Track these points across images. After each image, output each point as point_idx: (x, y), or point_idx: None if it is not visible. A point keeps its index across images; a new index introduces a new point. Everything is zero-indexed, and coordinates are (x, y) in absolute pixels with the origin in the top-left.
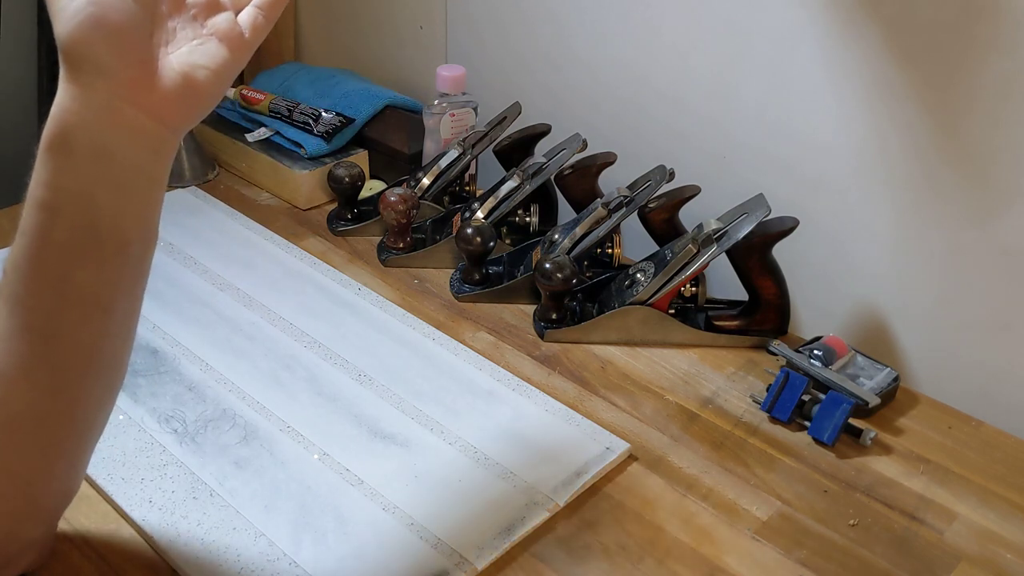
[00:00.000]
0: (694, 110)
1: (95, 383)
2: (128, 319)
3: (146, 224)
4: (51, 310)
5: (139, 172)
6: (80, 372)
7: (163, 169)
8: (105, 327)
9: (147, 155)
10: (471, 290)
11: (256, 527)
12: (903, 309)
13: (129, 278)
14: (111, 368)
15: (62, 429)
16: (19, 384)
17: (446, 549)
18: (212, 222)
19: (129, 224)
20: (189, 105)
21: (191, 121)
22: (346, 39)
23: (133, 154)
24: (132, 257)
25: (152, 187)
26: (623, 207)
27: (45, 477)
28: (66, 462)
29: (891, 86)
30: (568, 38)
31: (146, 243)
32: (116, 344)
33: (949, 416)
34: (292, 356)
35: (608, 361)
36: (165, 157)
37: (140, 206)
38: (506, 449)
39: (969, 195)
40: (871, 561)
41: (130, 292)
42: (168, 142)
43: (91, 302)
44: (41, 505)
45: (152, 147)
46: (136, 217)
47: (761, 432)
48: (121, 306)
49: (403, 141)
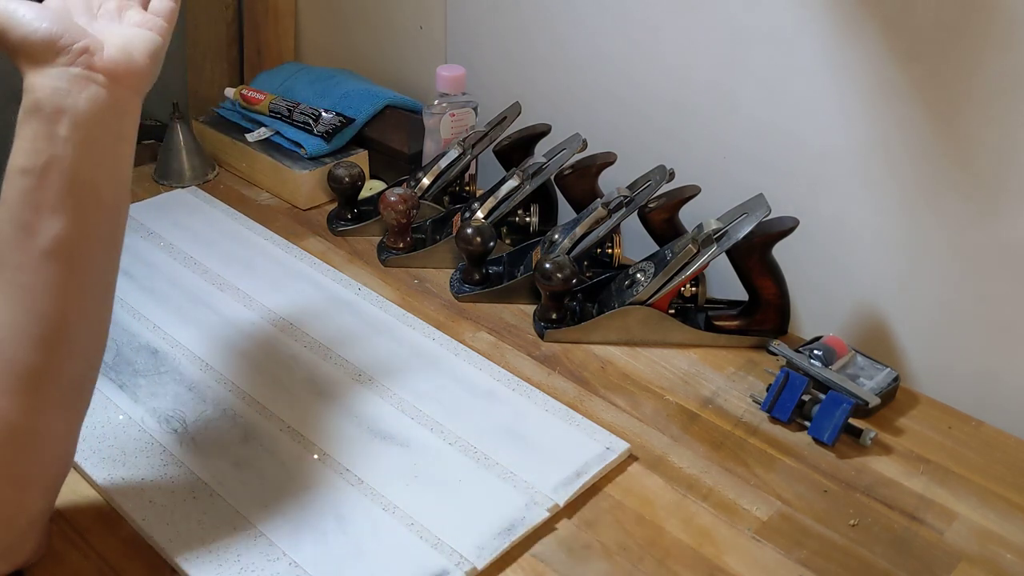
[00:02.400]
0: (694, 110)
1: (83, 339)
2: (107, 276)
3: (118, 178)
4: (36, 266)
5: (107, 130)
6: (68, 328)
7: (130, 126)
8: (88, 282)
9: (112, 114)
10: (471, 290)
11: (256, 527)
12: (903, 309)
13: (106, 232)
14: (96, 325)
15: (57, 389)
16: (12, 345)
17: (446, 549)
18: (212, 222)
19: (103, 179)
20: (136, 65)
21: (143, 80)
22: (346, 39)
23: (100, 114)
24: (107, 209)
25: (120, 143)
26: (623, 207)
27: (44, 440)
28: (63, 423)
29: (891, 86)
30: (568, 38)
31: (118, 196)
32: (98, 300)
33: (949, 416)
34: (292, 356)
35: (608, 361)
36: (130, 116)
37: (110, 160)
38: (506, 449)
39: (969, 195)
40: (871, 561)
41: (108, 247)
42: (130, 101)
43: (73, 255)
44: (42, 471)
45: (115, 107)
46: (108, 171)
47: (761, 432)
48: (100, 261)
49: (403, 141)
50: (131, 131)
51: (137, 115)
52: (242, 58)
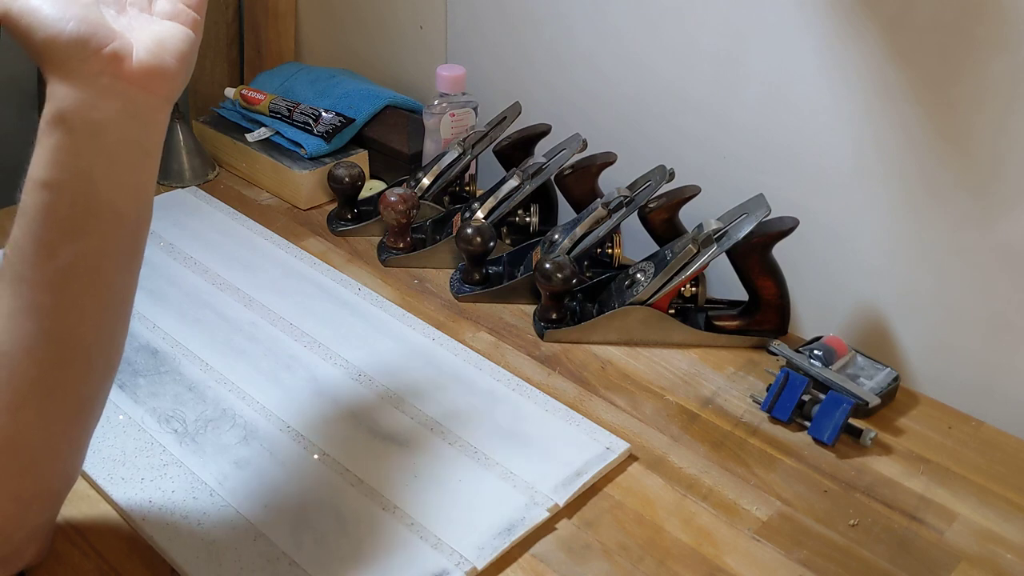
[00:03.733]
0: (694, 110)
1: (97, 358)
2: (125, 293)
3: (140, 195)
4: (54, 285)
5: (132, 144)
6: (83, 347)
7: (155, 140)
8: (105, 300)
9: (139, 126)
10: (471, 290)
11: (256, 527)
12: (903, 309)
13: (126, 251)
14: (111, 343)
15: (65, 407)
16: (23, 362)
17: (446, 549)
18: (212, 222)
19: (126, 196)
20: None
21: (174, 87)
22: (346, 39)
23: (126, 126)
24: (128, 228)
25: (145, 158)
26: (623, 207)
27: (50, 457)
28: (70, 442)
29: (891, 86)
30: (568, 38)
31: (140, 215)
32: (115, 318)
33: (949, 416)
34: (292, 356)
35: (608, 361)
36: (158, 127)
37: (134, 178)
38: (506, 449)
39: (969, 195)
40: (871, 561)
41: (127, 266)
42: (158, 110)
43: (91, 275)
44: (46, 487)
45: (143, 118)
46: (131, 189)
47: (761, 432)
48: (119, 279)
49: (403, 141)
50: (158, 143)
51: (165, 125)
52: (242, 58)
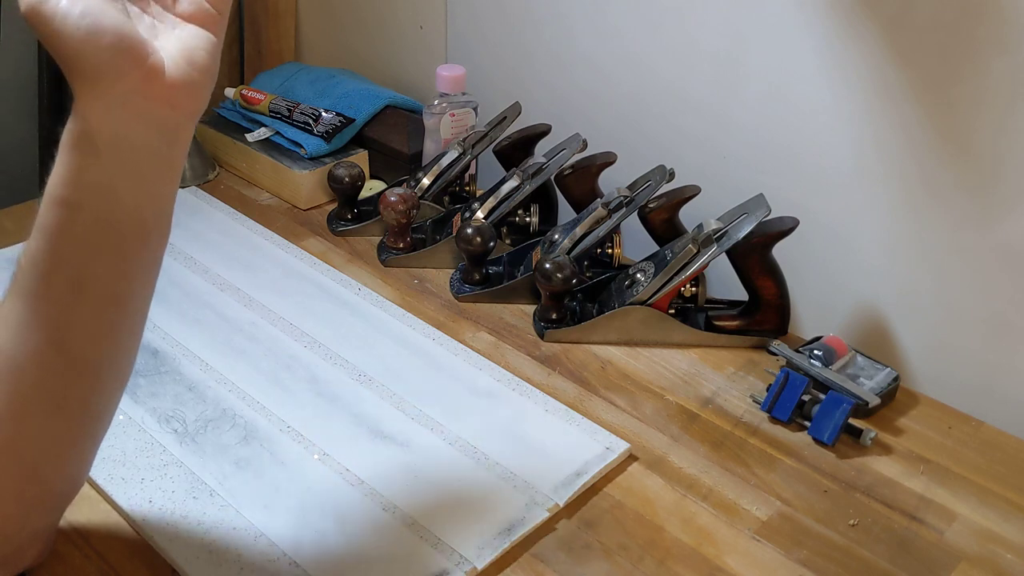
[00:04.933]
0: (694, 110)
1: (108, 372)
2: (141, 310)
3: (164, 213)
4: (68, 303)
5: (159, 161)
6: (93, 362)
7: (180, 156)
8: (119, 319)
9: (165, 144)
10: (471, 290)
11: (256, 527)
12: (903, 309)
13: (146, 267)
14: (123, 358)
15: (73, 417)
16: (31, 372)
17: (446, 549)
18: (212, 222)
19: (149, 214)
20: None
21: (200, 103)
22: (346, 39)
23: (152, 144)
24: (151, 248)
25: (170, 175)
26: (623, 207)
27: (55, 465)
28: (77, 451)
29: (891, 86)
30: (568, 38)
31: (162, 233)
32: (129, 335)
33: (949, 416)
34: (292, 356)
35: (608, 361)
36: (182, 144)
37: (159, 195)
38: (506, 449)
39: (969, 195)
40: (871, 561)
41: (144, 281)
42: (184, 127)
43: (108, 294)
44: (50, 492)
45: (169, 135)
46: (155, 206)
47: (761, 432)
48: (137, 298)
49: (403, 141)
50: (181, 160)
51: (189, 139)
52: (242, 58)
